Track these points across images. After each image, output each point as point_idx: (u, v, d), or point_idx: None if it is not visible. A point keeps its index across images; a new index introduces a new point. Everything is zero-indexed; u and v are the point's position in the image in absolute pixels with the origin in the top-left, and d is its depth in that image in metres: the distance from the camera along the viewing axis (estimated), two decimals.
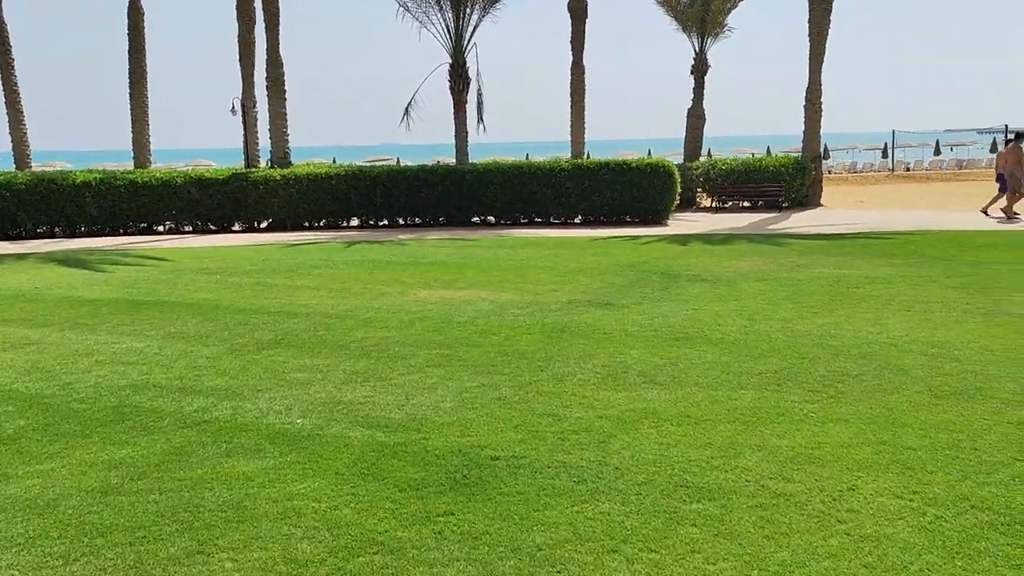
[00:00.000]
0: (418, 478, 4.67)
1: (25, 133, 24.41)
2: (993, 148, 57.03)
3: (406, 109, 22.11)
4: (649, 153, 44.15)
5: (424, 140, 28.06)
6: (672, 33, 26.64)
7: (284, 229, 20.79)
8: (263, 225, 21.39)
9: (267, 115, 21.86)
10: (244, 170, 21.21)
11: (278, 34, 21.23)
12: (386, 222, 21.48)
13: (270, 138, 21.91)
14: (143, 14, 24.97)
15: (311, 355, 7.65)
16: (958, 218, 19.28)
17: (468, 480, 4.64)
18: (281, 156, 21.67)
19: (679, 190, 21.01)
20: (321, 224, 21.20)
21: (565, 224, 21.18)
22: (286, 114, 21.62)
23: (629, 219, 20.97)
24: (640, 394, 6.27)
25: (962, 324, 8.33)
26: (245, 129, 24.72)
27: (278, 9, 21.32)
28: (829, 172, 40.23)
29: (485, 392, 6.36)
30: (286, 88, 21.45)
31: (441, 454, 5.03)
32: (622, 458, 4.94)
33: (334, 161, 48.31)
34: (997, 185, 19.68)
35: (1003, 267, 11.76)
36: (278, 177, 20.42)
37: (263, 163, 23.72)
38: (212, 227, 21.09)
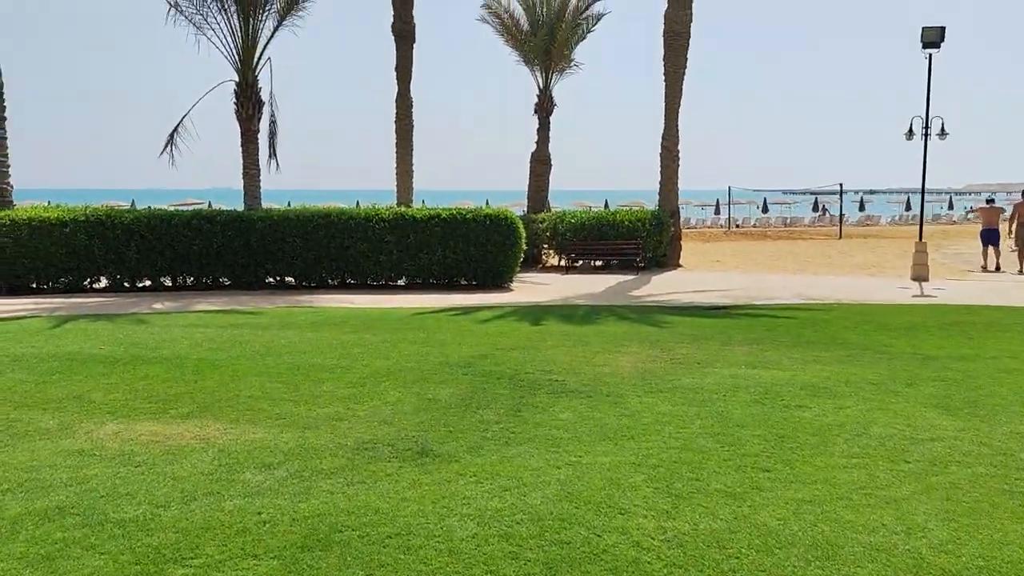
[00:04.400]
0: None
1: None
2: (815, 207, 58.57)
3: (170, 137, 17.11)
4: (487, 204, 40.71)
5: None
6: (514, 67, 23.41)
7: None
8: None
9: None
10: None
11: None
12: (149, 283, 16.33)
13: None
14: None
15: None
16: (840, 285, 16.81)
17: None
18: None
19: (524, 247, 17.36)
20: (51, 287, 15.71)
21: (386, 287, 16.94)
22: (5, 138, 16.06)
23: (465, 282, 17.07)
24: None
25: None
26: None
27: None
28: None
29: None
30: (5, 103, 15.95)
31: None
32: None
33: (132, 205, 41.12)
34: (982, 241, 19.78)
35: (967, 365, 8.67)
36: None
37: (23, 205, 17.84)
38: None
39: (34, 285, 15.70)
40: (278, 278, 16.86)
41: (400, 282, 17.10)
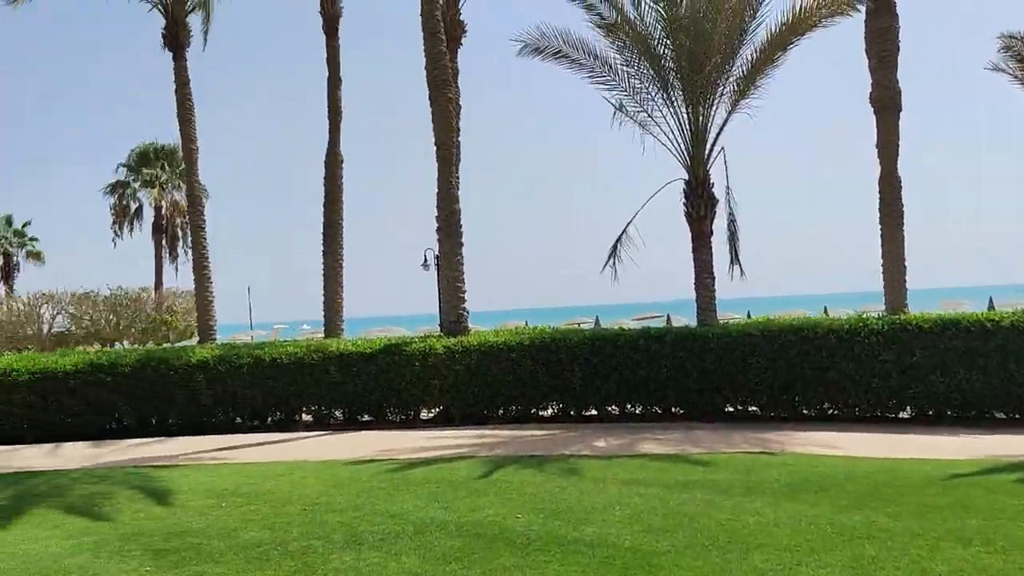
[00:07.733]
0: None
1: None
2: None
3: (613, 249, 15.57)
4: (993, 303, 32.60)
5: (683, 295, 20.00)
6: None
7: (450, 423, 14.78)
8: (430, 415, 15.61)
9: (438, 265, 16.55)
10: (400, 340, 15.77)
11: (453, 161, 16.11)
12: (595, 411, 14.67)
13: (439, 296, 16.53)
14: (342, 161, 21.69)
15: None
16: None
17: None
18: (453, 320, 15.97)
19: None
20: (502, 414, 14.89)
21: (881, 420, 12.86)
22: (461, 263, 16.06)
23: (996, 414, 12.21)
24: None
25: None
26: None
27: (455, 126, 16.20)
28: None
29: None
30: (462, 230, 16.06)
31: None
32: None
33: (596, 322, 41.51)
34: None
35: None
36: (440, 350, 14.61)
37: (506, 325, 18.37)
38: (366, 417, 15.74)
39: (485, 412, 15.05)
40: (739, 405, 13.91)
41: (903, 414, 12.87)
